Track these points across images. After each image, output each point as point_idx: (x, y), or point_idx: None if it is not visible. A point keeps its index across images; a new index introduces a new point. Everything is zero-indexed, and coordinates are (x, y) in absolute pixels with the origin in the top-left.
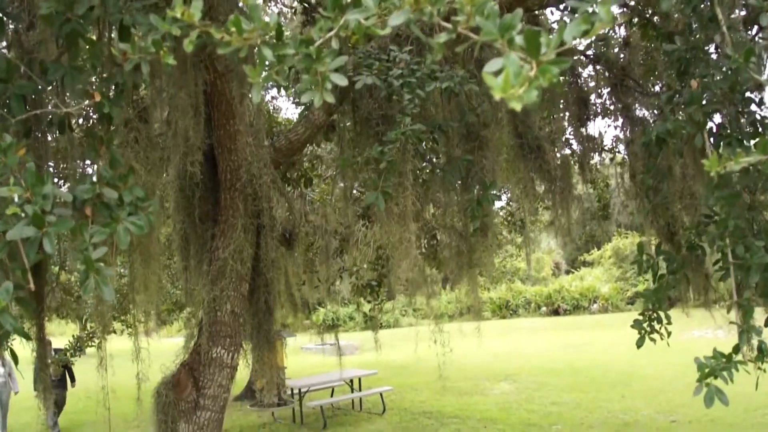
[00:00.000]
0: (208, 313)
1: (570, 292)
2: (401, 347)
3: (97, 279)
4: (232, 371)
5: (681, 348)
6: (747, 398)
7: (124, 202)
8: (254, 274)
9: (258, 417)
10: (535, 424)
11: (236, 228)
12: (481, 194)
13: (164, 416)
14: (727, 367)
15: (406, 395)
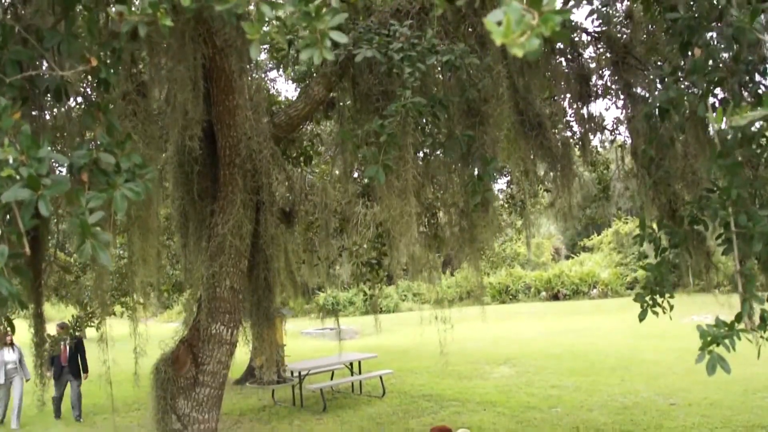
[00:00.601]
0: (207, 289)
1: (570, 277)
2: (401, 332)
3: (93, 244)
4: (231, 347)
5: (680, 333)
6: (746, 382)
7: (122, 169)
8: (253, 251)
9: (258, 400)
10: (535, 407)
11: (235, 204)
12: (482, 170)
13: (163, 392)
14: (729, 335)
15: (406, 379)
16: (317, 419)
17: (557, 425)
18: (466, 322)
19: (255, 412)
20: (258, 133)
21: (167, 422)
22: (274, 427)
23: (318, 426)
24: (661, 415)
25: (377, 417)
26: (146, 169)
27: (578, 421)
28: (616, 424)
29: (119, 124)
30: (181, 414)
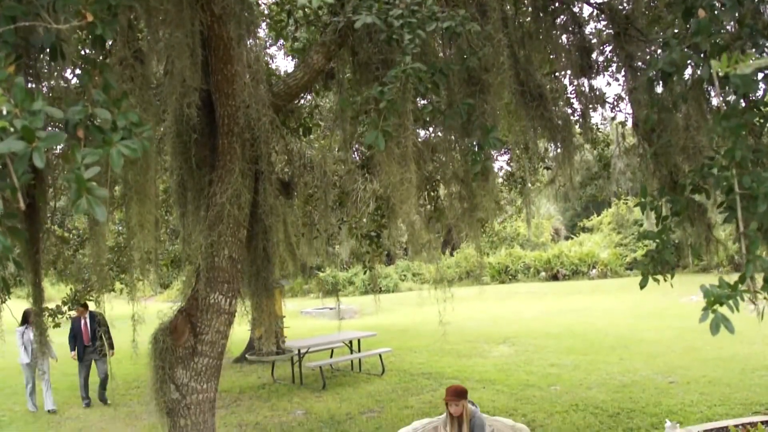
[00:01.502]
0: (205, 258)
1: (569, 257)
2: (400, 311)
3: (89, 198)
4: (230, 317)
5: (679, 312)
6: (744, 360)
7: (118, 126)
8: (252, 221)
9: (258, 378)
10: (534, 384)
11: (234, 173)
12: (482, 138)
13: (161, 362)
14: (732, 295)
15: (405, 357)
16: (317, 396)
17: (556, 403)
18: (466, 302)
19: (254, 390)
20: (257, 100)
21: (166, 392)
22: (273, 404)
23: (317, 403)
24: (660, 393)
25: (376, 394)
26: (143, 127)
27: (577, 398)
28: (614, 402)
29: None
30: (180, 384)
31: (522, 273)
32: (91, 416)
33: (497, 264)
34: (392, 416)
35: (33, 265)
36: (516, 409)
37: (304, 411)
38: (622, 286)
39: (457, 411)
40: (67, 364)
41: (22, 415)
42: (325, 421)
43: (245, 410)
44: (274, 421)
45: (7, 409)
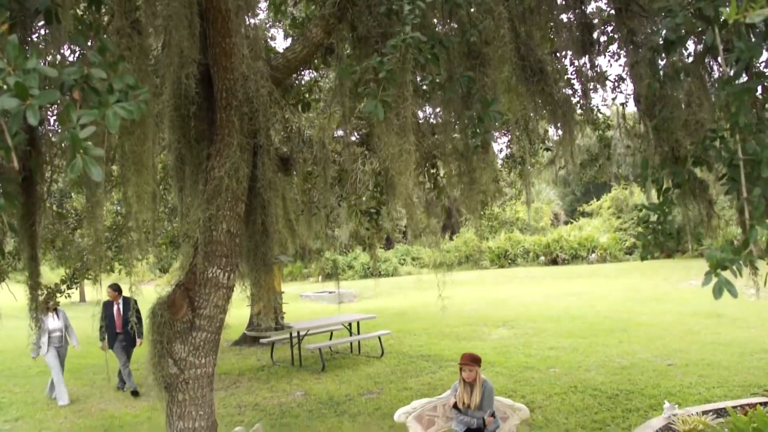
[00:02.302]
0: (203, 232)
1: (569, 241)
2: (400, 295)
3: (84, 158)
4: (228, 291)
5: (678, 297)
6: (743, 344)
7: (114, 89)
8: (251, 196)
9: (257, 360)
10: (533, 367)
11: (232, 146)
12: (482, 111)
13: (160, 336)
14: (735, 259)
15: (405, 340)
16: (316, 378)
17: (555, 384)
18: (465, 286)
19: (254, 372)
20: (255, 71)
21: (164, 366)
22: (272, 386)
23: (316, 385)
24: (659, 375)
25: (375, 376)
26: (140, 90)
27: (576, 380)
28: (613, 384)
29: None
30: (178, 358)
31: (521, 257)
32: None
33: (496, 248)
34: (391, 397)
35: (30, 239)
36: (515, 390)
37: (304, 392)
38: (622, 271)
39: (470, 376)
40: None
41: (21, 396)
42: (324, 402)
43: (244, 391)
44: (273, 402)
45: (6, 391)
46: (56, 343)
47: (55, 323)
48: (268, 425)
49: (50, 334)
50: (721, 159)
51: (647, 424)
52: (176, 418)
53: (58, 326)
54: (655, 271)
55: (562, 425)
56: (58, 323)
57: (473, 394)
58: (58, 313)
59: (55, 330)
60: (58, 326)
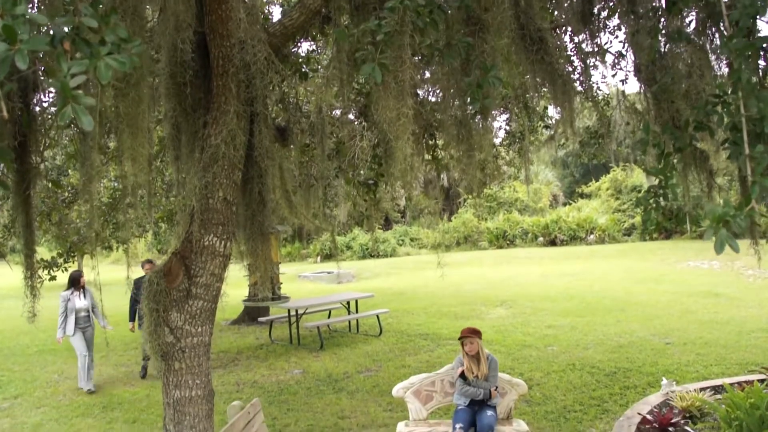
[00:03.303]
0: (199, 200)
1: (567, 222)
2: (398, 275)
3: (74, 107)
4: (224, 260)
5: (676, 277)
6: (740, 323)
7: (106, 41)
8: (247, 165)
9: (255, 339)
10: (531, 345)
11: (228, 113)
12: (482, 77)
13: (156, 305)
14: (737, 214)
15: (403, 319)
16: (314, 356)
17: (553, 362)
18: (463, 267)
19: (252, 350)
20: (252, 36)
21: (160, 335)
22: (271, 364)
23: (315, 363)
24: (657, 353)
25: (374, 354)
26: (132, 43)
27: (574, 358)
28: (611, 362)
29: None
30: (174, 327)
31: (520, 238)
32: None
33: (495, 229)
34: (389, 375)
35: (24, 206)
36: (513, 368)
37: (302, 370)
38: (620, 252)
39: (472, 348)
40: None
41: (20, 375)
42: (323, 379)
43: (243, 369)
44: (271, 379)
45: (6, 370)
46: (82, 323)
47: (81, 302)
48: (266, 402)
49: (76, 315)
50: (723, 123)
51: (645, 401)
52: (173, 387)
53: (84, 306)
54: (653, 252)
55: (560, 402)
56: (85, 302)
57: (480, 364)
58: (84, 292)
59: (81, 310)
60: (84, 306)
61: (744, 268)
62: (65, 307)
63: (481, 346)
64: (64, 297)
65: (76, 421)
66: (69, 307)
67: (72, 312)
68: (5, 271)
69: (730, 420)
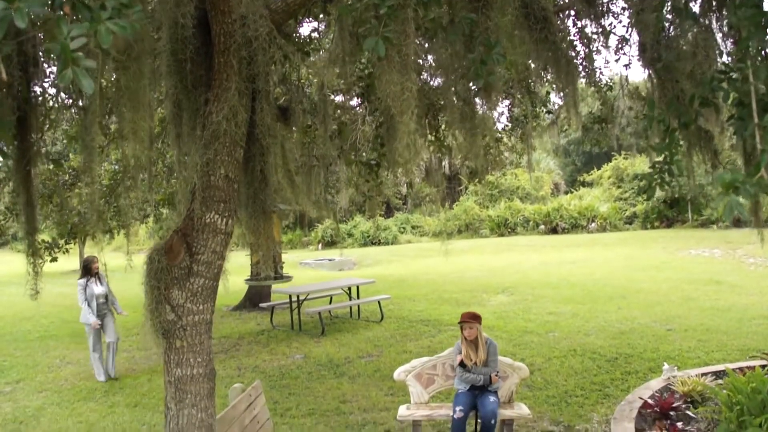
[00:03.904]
0: (201, 177)
1: (568, 210)
2: (399, 262)
3: (75, 69)
4: (226, 237)
5: (677, 265)
6: (742, 310)
7: (107, 6)
8: (249, 143)
9: (257, 324)
10: (532, 331)
11: (230, 90)
12: (485, 54)
13: (157, 282)
14: (747, 181)
15: (404, 305)
16: (315, 342)
17: (554, 348)
18: (465, 254)
19: (253, 335)
20: (254, 12)
21: (161, 313)
22: (272, 349)
23: (316, 348)
24: (658, 339)
25: (375, 340)
26: (133, 8)
27: (575, 344)
28: (612, 348)
29: None
30: (175, 305)
31: (521, 226)
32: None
33: (496, 217)
34: (391, 360)
35: (24, 183)
36: (515, 354)
37: (303, 355)
38: (621, 240)
39: (471, 334)
40: None
41: (22, 360)
42: (324, 364)
43: (244, 354)
44: (272, 364)
45: (7, 355)
46: (101, 310)
47: (99, 289)
48: (267, 386)
49: (96, 300)
50: (729, 99)
51: (646, 385)
52: (174, 366)
53: (101, 292)
54: (655, 241)
55: (562, 387)
56: (102, 289)
57: (478, 350)
58: (100, 279)
59: (100, 296)
60: (101, 292)
61: (745, 256)
62: (85, 294)
63: (480, 332)
64: (81, 284)
65: (77, 405)
66: (88, 293)
67: (92, 299)
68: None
69: (731, 404)
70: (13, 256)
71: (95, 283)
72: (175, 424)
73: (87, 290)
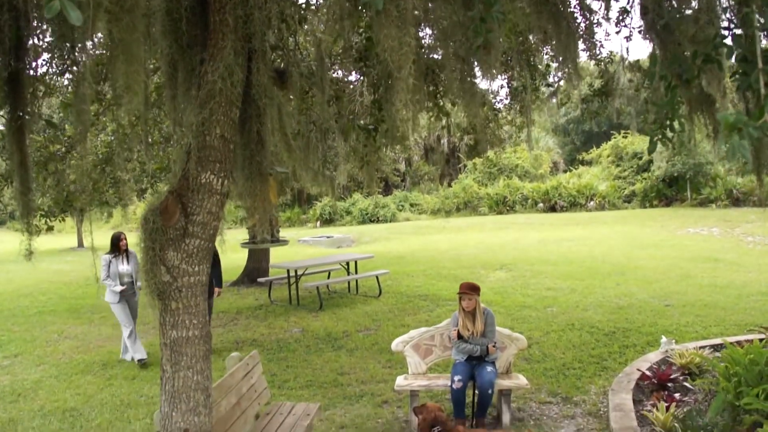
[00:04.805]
0: (196, 137)
1: (567, 188)
2: (397, 240)
3: (62, 1)
4: (222, 198)
5: (676, 243)
6: (740, 287)
7: None
8: (245, 104)
9: (255, 299)
10: (530, 306)
11: (226, 49)
12: (485, 11)
13: (152, 243)
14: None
15: (402, 281)
16: (313, 316)
17: (552, 322)
18: (463, 232)
19: (251, 310)
20: None
21: (156, 274)
22: (270, 323)
23: (314, 322)
24: (656, 314)
25: (373, 314)
26: None
27: (573, 319)
28: (610, 322)
29: None
30: (171, 266)
31: (520, 204)
32: (89, 334)
33: (495, 195)
34: (389, 333)
35: (18, 143)
36: (513, 327)
37: (301, 329)
38: (620, 218)
39: (470, 305)
40: None
41: (20, 335)
42: (322, 338)
43: (242, 328)
44: (271, 338)
45: (6, 330)
46: (127, 291)
47: (124, 267)
48: (265, 359)
49: (120, 279)
50: (733, 55)
51: (644, 358)
52: (169, 328)
53: (127, 271)
54: (653, 219)
55: (559, 359)
56: (128, 267)
57: (476, 321)
58: (128, 256)
59: (124, 275)
60: (127, 271)
61: (744, 234)
62: (107, 272)
63: (479, 303)
64: (105, 260)
65: (75, 378)
66: (111, 271)
67: (115, 277)
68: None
69: (728, 375)
70: (11, 235)
71: (121, 261)
72: (171, 386)
73: (110, 267)
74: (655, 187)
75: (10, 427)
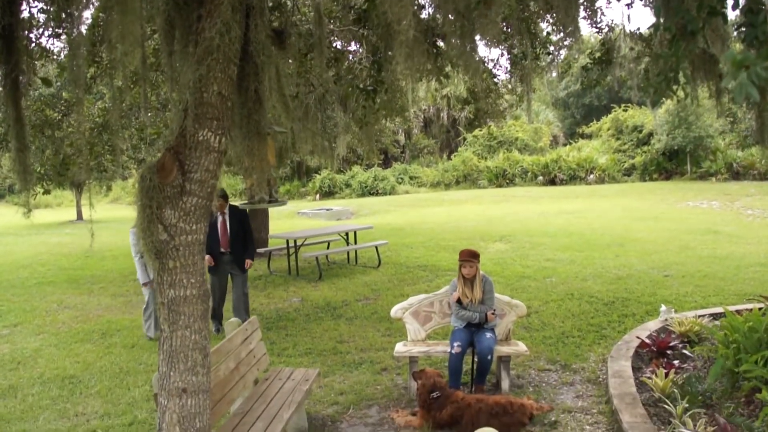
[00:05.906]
0: (193, 94)
1: (567, 162)
2: (397, 212)
3: None
4: (219, 156)
5: (676, 216)
6: (739, 258)
7: None
8: (243, 61)
9: (253, 270)
10: (530, 276)
11: (223, 4)
12: None
13: (149, 201)
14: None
15: (402, 252)
16: (313, 286)
17: (551, 292)
18: (463, 204)
19: (251, 281)
20: None
21: (153, 232)
22: (269, 293)
23: (313, 292)
24: (655, 284)
25: (372, 284)
26: None
27: (572, 289)
28: (609, 292)
29: None
30: (168, 224)
31: (519, 177)
32: (89, 304)
33: (495, 168)
34: (388, 303)
35: (13, 98)
36: (512, 297)
37: (300, 299)
38: (620, 191)
39: (470, 272)
40: None
41: (20, 305)
42: (321, 307)
43: None
44: (270, 307)
45: (5, 300)
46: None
47: None
48: (264, 328)
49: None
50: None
51: (643, 326)
52: (167, 287)
53: None
54: (653, 192)
55: (559, 328)
56: None
57: (474, 288)
58: None
59: None
60: None
61: (743, 208)
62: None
63: (478, 269)
64: (134, 233)
65: (75, 346)
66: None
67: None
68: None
69: (728, 342)
70: (9, 209)
71: None
72: (169, 346)
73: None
74: (655, 161)
75: (10, 394)
